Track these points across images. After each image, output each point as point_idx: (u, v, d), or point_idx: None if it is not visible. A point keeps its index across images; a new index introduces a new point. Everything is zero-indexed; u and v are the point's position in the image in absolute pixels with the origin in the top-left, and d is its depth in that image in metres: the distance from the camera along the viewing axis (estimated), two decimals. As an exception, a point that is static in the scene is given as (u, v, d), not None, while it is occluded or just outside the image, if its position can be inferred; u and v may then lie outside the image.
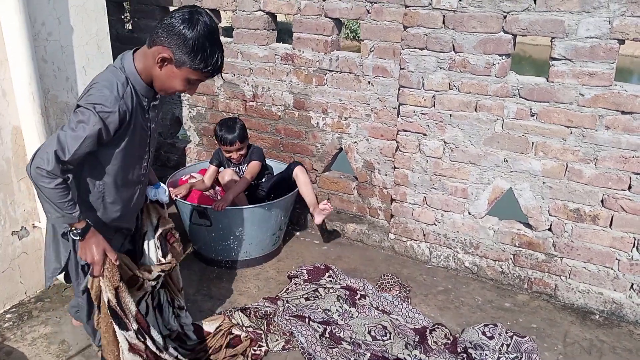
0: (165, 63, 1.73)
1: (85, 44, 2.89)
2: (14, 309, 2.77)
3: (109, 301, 1.89)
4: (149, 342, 2.00)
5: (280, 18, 3.74)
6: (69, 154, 1.69)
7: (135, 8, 4.15)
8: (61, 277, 2.82)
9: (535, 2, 2.62)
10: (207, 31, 1.70)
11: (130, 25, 4.30)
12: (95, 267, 1.86)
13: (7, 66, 2.51)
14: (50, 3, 2.68)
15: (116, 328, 1.93)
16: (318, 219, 3.37)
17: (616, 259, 2.78)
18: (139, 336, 1.97)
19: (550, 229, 2.93)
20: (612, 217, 2.74)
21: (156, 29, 1.73)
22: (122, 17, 4.44)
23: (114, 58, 3.06)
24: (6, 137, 2.61)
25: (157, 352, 2.04)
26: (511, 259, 3.07)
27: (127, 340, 1.95)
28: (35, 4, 2.59)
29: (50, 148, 1.67)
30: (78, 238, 1.82)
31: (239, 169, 3.43)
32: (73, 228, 1.81)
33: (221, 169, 3.47)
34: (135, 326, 1.96)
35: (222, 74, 3.81)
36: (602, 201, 2.75)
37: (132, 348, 1.96)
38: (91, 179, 1.89)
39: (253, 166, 3.36)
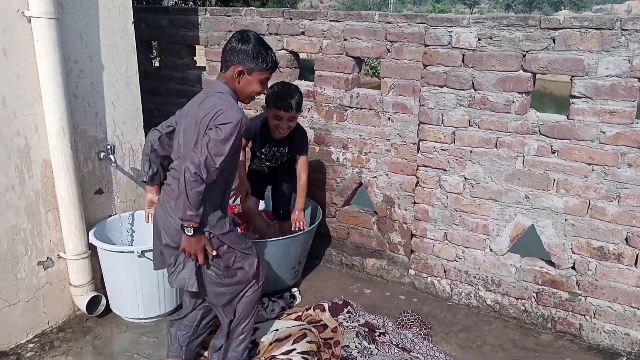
0: (241, 76, 2.20)
1: (114, 81, 3.00)
2: (36, 339, 2.81)
3: None
4: None
5: (302, 55, 3.84)
6: (218, 163, 2.06)
7: (163, 47, 4.30)
8: (83, 307, 2.87)
9: (554, 42, 2.66)
10: (257, 41, 2.22)
11: (158, 63, 4.45)
12: (199, 257, 2.18)
13: (41, 102, 2.62)
14: (83, 42, 2.80)
15: None
16: (286, 224, 3.34)
17: (643, 299, 2.71)
18: None
19: (573, 267, 2.88)
20: (637, 255, 2.69)
21: (224, 55, 2.22)
22: (150, 55, 4.60)
23: (142, 94, 3.19)
24: (36, 169, 2.69)
25: None
26: (534, 297, 3.02)
27: None
28: (69, 43, 2.71)
29: (203, 158, 2.03)
30: (192, 233, 2.11)
31: (277, 150, 3.18)
32: (190, 225, 2.09)
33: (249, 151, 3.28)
34: None
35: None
36: (626, 239, 2.70)
37: None
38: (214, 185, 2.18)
39: (305, 163, 3.17)
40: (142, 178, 2.51)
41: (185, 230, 2.11)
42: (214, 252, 2.21)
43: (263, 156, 3.27)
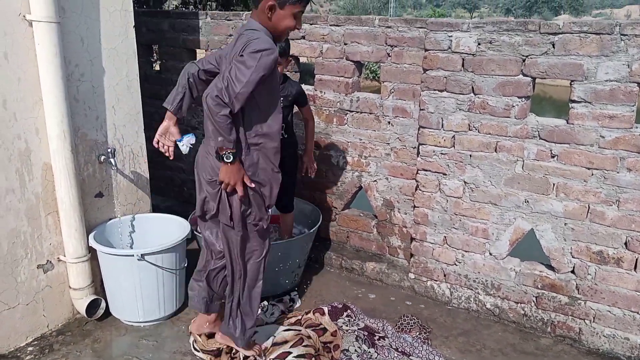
0: (273, 10, 2.15)
1: (115, 85, 3.01)
2: (35, 342, 2.81)
3: None
4: None
5: (303, 59, 3.84)
6: (239, 88, 2.05)
7: (164, 50, 4.31)
8: (83, 310, 2.87)
9: (554, 46, 2.67)
10: None
11: (158, 66, 4.46)
12: (235, 187, 2.19)
13: (41, 105, 2.62)
14: (84, 46, 2.81)
15: None
16: (289, 217, 3.41)
17: (642, 303, 2.72)
18: None
19: (573, 271, 2.88)
20: (637, 260, 2.69)
21: None
22: (151, 58, 4.61)
23: (143, 98, 3.20)
24: (37, 172, 2.70)
25: None
26: (533, 301, 3.02)
27: None
28: (70, 46, 2.73)
29: (225, 84, 2.05)
30: (230, 160, 2.12)
31: None
32: (228, 151, 2.11)
33: None
34: None
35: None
36: (625, 243, 2.71)
37: None
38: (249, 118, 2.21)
39: (309, 111, 3.31)
40: (166, 105, 2.43)
41: (224, 158, 2.12)
42: (252, 185, 2.23)
43: None
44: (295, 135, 3.41)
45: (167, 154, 2.51)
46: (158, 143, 2.50)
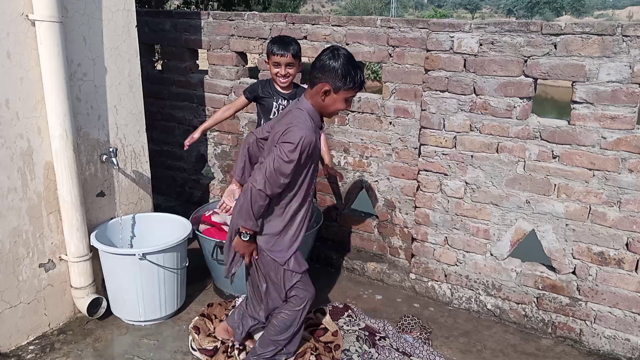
0: (327, 94, 2.23)
1: (117, 84, 3.01)
2: (37, 341, 2.81)
3: None
4: None
5: (304, 59, 3.85)
6: (281, 180, 2.21)
7: (166, 50, 4.32)
8: (84, 309, 2.88)
9: (555, 47, 2.67)
10: (347, 59, 2.21)
11: (160, 66, 4.47)
12: (246, 258, 2.41)
13: (44, 104, 2.63)
14: (87, 45, 2.82)
15: None
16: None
17: (643, 304, 2.72)
18: None
19: (574, 272, 2.88)
20: (638, 261, 2.69)
21: (312, 71, 2.25)
22: (153, 58, 4.61)
23: (144, 97, 3.20)
24: (39, 172, 2.70)
25: None
26: (534, 302, 3.02)
27: None
28: (73, 46, 2.73)
29: (267, 175, 2.19)
30: (247, 239, 2.32)
31: (288, 102, 3.07)
32: (248, 232, 2.30)
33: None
34: None
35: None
36: (626, 245, 2.71)
37: None
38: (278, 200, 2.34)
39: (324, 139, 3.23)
40: (235, 177, 2.62)
41: (242, 236, 2.31)
42: (257, 257, 2.41)
43: (272, 115, 3.17)
44: None
45: (224, 212, 2.68)
46: (223, 204, 2.66)
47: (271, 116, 3.16)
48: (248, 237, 2.32)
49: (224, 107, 3.33)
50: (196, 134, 3.23)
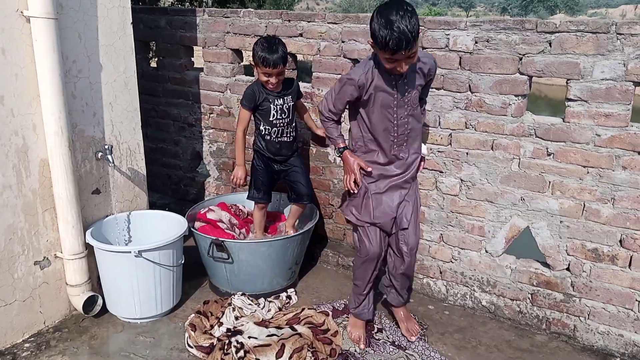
0: (374, 47, 2.35)
1: (113, 81, 3.01)
2: (32, 339, 2.81)
3: None
4: None
5: (300, 57, 3.85)
6: (329, 106, 2.64)
7: (161, 47, 4.30)
8: (80, 306, 2.87)
9: (550, 45, 2.68)
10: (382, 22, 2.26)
11: (155, 64, 4.45)
12: (350, 176, 2.63)
13: (39, 101, 2.62)
14: (82, 42, 2.81)
15: None
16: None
17: (636, 300, 2.74)
18: None
19: (568, 269, 2.90)
20: (631, 257, 2.71)
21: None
22: (148, 55, 4.60)
23: (140, 95, 3.20)
24: (34, 169, 2.69)
25: None
26: (529, 298, 3.04)
27: None
28: (68, 43, 2.72)
29: (322, 102, 2.68)
30: (338, 154, 2.72)
31: (283, 100, 3.21)
32: (337, 147, 2.72)
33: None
34: None
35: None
36: (620, 241, 2.73)
37: None
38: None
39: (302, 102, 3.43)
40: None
41: (335, 152, 2.80)
42: (369, 169, 2.61)
43: (272, 117, 3.22)
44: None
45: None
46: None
47: (271, 118, 3.20)
48: (339, 152, 2.75)
49: (238, 132, 3.28)
50: (241, 173, 3.32)
